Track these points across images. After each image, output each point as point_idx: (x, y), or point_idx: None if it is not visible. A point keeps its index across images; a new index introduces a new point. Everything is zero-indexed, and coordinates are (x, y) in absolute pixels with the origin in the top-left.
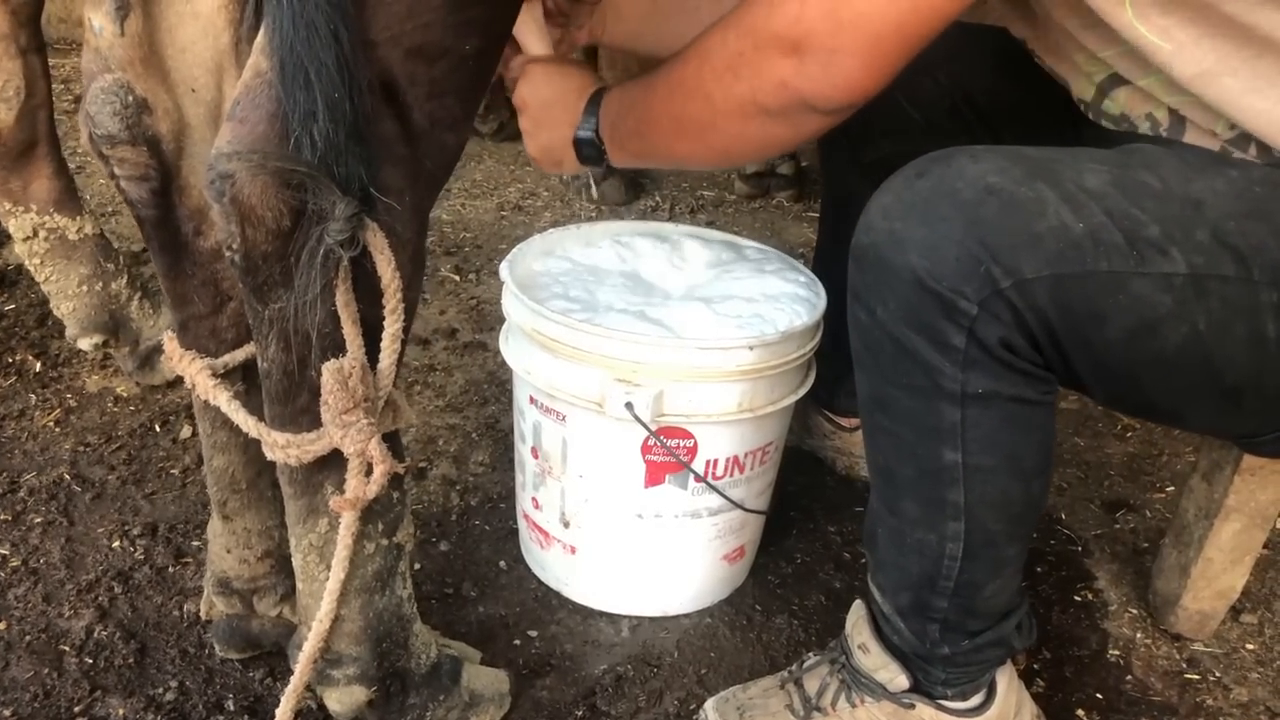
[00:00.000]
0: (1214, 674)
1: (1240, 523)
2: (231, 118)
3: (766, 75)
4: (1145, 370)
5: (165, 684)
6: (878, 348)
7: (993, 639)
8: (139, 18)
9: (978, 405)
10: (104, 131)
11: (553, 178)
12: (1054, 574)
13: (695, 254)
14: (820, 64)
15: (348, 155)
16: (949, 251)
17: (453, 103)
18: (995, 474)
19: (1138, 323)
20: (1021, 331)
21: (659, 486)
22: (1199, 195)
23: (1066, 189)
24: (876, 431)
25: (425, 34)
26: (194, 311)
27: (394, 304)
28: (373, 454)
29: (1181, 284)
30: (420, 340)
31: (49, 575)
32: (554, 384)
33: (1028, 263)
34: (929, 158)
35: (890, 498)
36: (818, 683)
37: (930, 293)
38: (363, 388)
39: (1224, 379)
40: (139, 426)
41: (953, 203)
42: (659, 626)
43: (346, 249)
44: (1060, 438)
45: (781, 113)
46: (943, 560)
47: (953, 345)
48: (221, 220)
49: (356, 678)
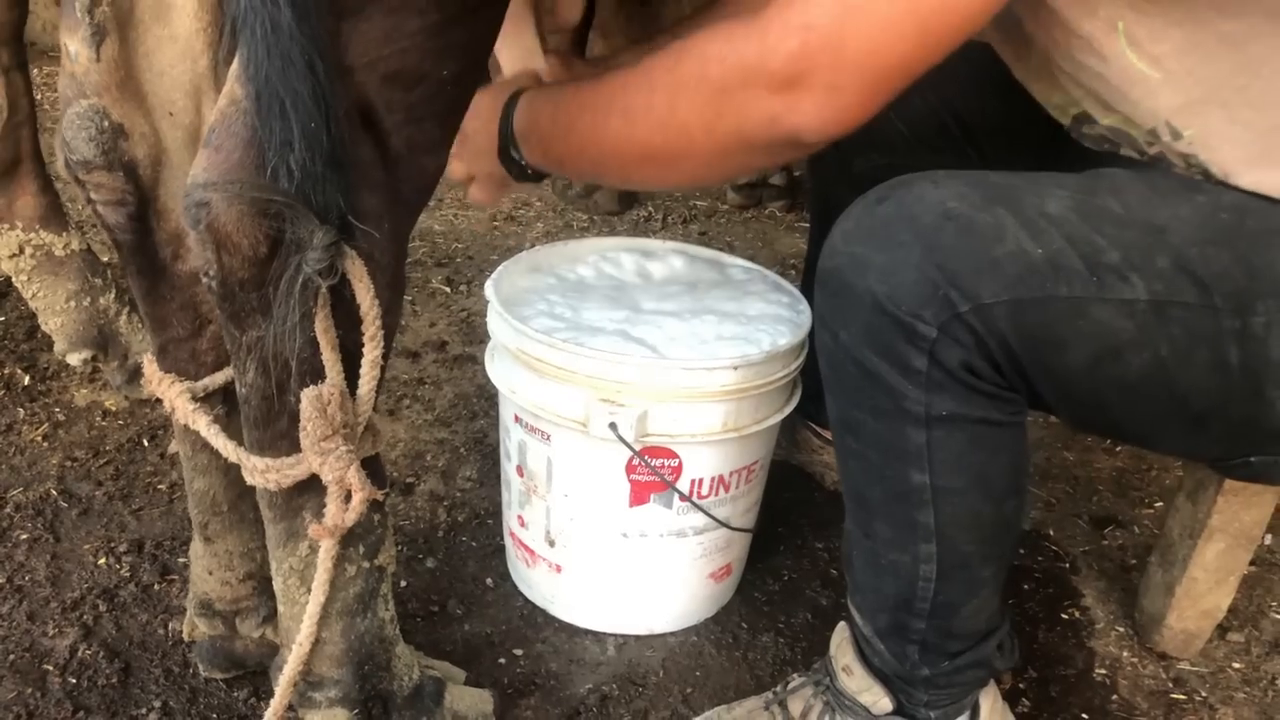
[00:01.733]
0: (1200, 693)
1: (1224, 543)
2: (207, 145)
3: (754, 111)
4: (1110, 395)
5: (149, 704)
6: (843, 371)
7: (973, 660)
8: (115, 43)
9: (943, 427)
10: (79, 157)
11: (545, 187)
12: (1040, 591)
13: (681, 272)
14: (815, 100)
15: (325, 184)
16: (907, 276)
17: (431, 127)
18: (965, 495)
19: (1099, 348)
20: (983, 355)
21: (644, 506)
22: (1162, 222)
23: (1026, 215)
24: (846, 454)
25: (402, 59)
26: (173, 335)
27: (373, 331)
28: (351, 481)
29: (1143, 310)
30: (409, 353)
31: (34, 593)
32: (538, 403)
33: (986, 287)
34: (891, 183)
35: (863, 520)
36: (802, 704)
37: (890, 316)
38: (341, 414)
39: (1189, 405)
40: (127, 441)
41: (911, 228)
42: (645, 645)
43: (325, 277)
44: (1048, 452)
45: (766, 147)
46: (917, 582)
47: (914, 368)
48: (198, 247)
49: (338, 700)
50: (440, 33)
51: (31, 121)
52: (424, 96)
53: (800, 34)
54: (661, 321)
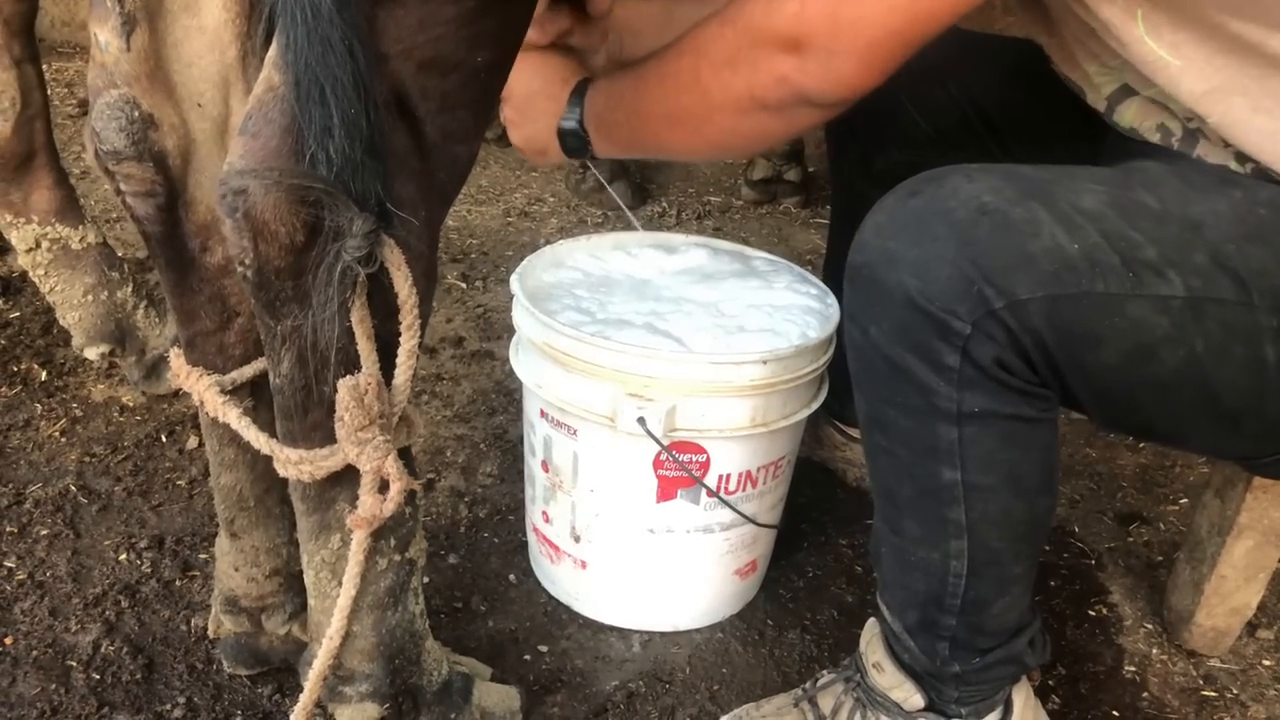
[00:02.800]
0: (1231, 691)
1: (1253, 540)
2: (244, 132)
3: (765, 70)
4: (1143, 393)
5: (173, 700)
6: (872, 368)
7: (1004, 656)
8: (145, 33)
9: (975, 424)
10: (110, 147)
11: (559, 183)
12: (1067, 588)
13: (705, 265)
14: (818, 62)
15: (364, 171)
16: (941, 271)
17: (465, 115)
18: (996, 492)
19: (1134, 345)
20: (1016, 351)
21: (671, 501)
22: (1198, 217)
23: (1061, 209)
24: (875, 451)
25: (437, 47)
26: (201, 328)
27: (410, 320)
28: (389, 471)
29: (1179, 307)
30: (427, 349)
31: (55, 589)
32: (565, 398)
33: (1021, 283)
34: (923, 176)
35: (892, 517)
36: (832, 701)
37: (923, 313)
38: (379, 404)
39: (1222, 402)
40: (145, 437)
41: (946, 222)
42: (670, 642)
43: (364, 266)
44: (1072, 449)
45: (778, 107)
46: (948, 578)
47: (947, 365)
48: (234, 236)
49: (369, 695)
50: (474, 20)
51: (45, 115)
52: (458, 84)
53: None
54: (688, 314)
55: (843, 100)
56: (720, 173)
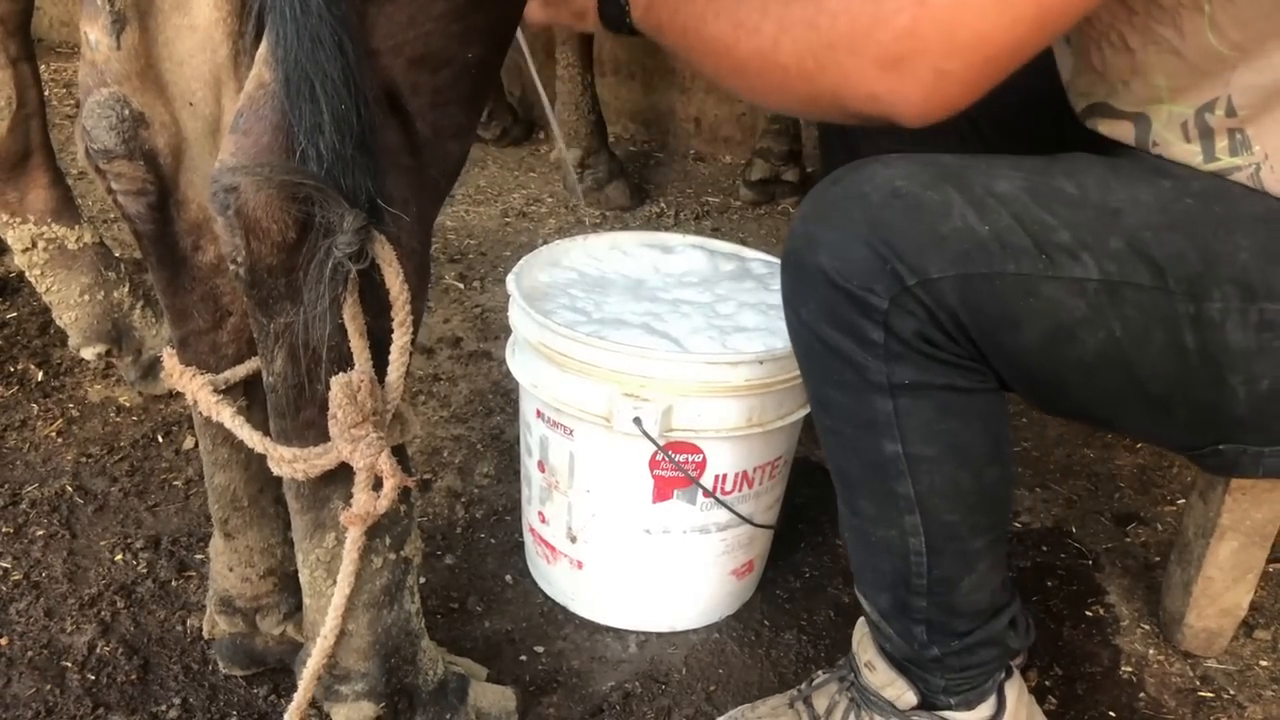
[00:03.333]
0: (1228, 691)
1: (1238, 541)
2: (235, 130)
3: (856, 82)
4: (1068, 375)
5: (168, 701)
6: (809, 349)
7: (983, 638)
8: (135, 31)
9: (908, 395)
10: (100, 146)
11: (557, 183)
12: (1064, 588)
13: (702, 265)
14: (920, 83)
15: (354, 167)
16: (856, 251)
17: (456, 111)
18: (940, 463)
19: (1053, 325)
20: (936, 326)
21: (667, 502)
22: (1117, 204)
23: (974, 193)
24: (824, 432)
25: (427, 43)
26: (194, 327)
27: (402, 316)
28: (383, 468)
29: (1095, 289)
30: (424, 349)
31: (51, 589)
32: (561, 398)
33: (933, 262)
34: (847, 166)
35: (849, 498)
36: (826, 701)
37: (842, 291)
38: (371, 401)
39: (1148, 387)
40: (141, 437)
41: (860, 205)
42: (667, 642)
43: (355, 262)
44: (1068, 449)
45: (856, 116)
46: (909, 556)
47: (872, 340)
48: (226, 233)
49: (365, 694)
50: (464, 15)
51: (40, 114)
52: (449, 80)
53: (913, 9)
54: (684, 314)
55: (931, 122)
56: (718, 173)
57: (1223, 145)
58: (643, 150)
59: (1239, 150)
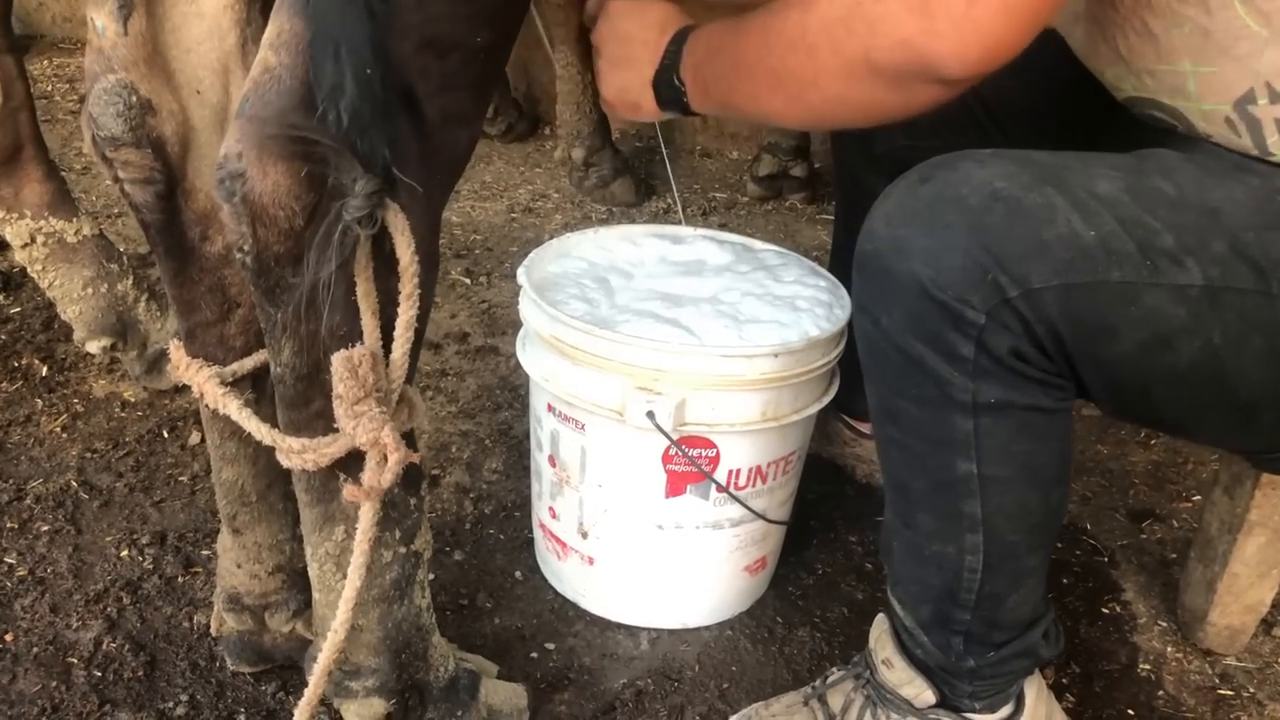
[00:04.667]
0: (1248, 689)
1: (1265, 536)
2: (241, 115)
3: (886, 31)
4: (1157, 383)
5: (175, 697)
6: (884, 359)
7: (1019, 649)
8: (142, 17)
9: (990, 415)
10: (107, 133)
11: (564, 179)
12: (1080, 585)
13: (713, 257)
14: (953, 19)
15: (372, 132)
16: (954, 260)
17: (465, 97)
18: (1012, 484)
19: (1150, 335)
20: (1031, 341)
21: (680, 497)
22: (1216, 204)
23: (1077, 195)
24: (888, 444)
25: (435, 27)
26: (201, 319)
27: (410, 289)
28: (386, 443)
29: (1197, 296)
30: (432, 345)
31: (56, 585)
32: (573, 392)
33: (1036, 272)
34: (933, 162)
35: (905, 511)
36: (842, 699)
37: (936, 302)
38: (374, 376)
39: (1238, 394)
40: (147, 432)
41: (958, 209)
42: (679, 639)
43: (364, 226)
44: (1083, 445)
45: (896, 77)
46: (962, 573)
47: (961, 355)
48: (232, 221)
49: (375, 690)
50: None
51: (29, 107)
52: (458, 65)
53: None
54: (697, 306)
55: (973, 71)
56: (726, 169)
57: (1274, 140)
58: (648, 146)
59: None
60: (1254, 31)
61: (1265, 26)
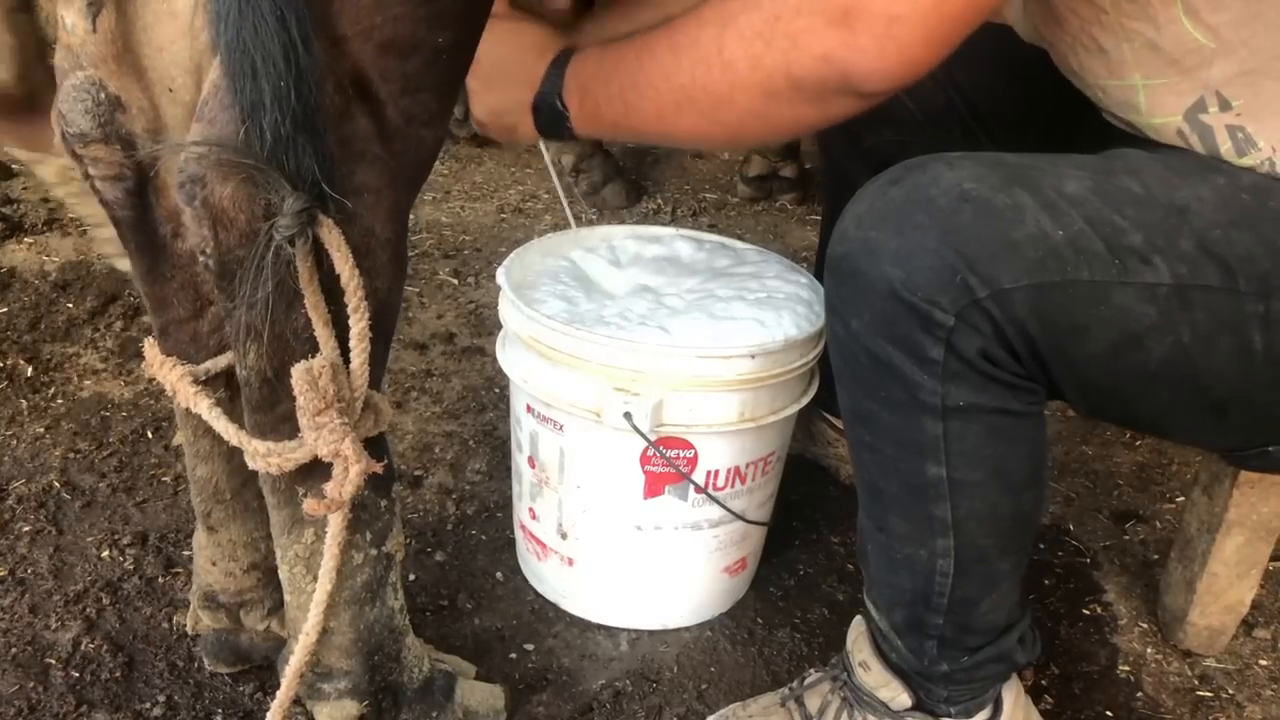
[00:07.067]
0: (1227, 691)
1: (1243, 536)
2: (200, 119)
3: (807, 46)
4: (1128, 383)
5: (153, 698)
6: (855, 361)
7: (994, 654)
8: (111, 15)
9: (959, 418)
10: (76, 130)
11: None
12: (1062, 586)
13: (693, 258)
14: (874, 35)
15: (297, 148)
16: (923, 261)
17: (428, 98)
18: (982, 488)
19: (1120, 334)
20: (1001, 343)
21: (658, 498)
22: (1183, 202)
23: (1046, 195)
24: (859, 447)
25: (396, 28)
26: (174, 316)
27: (355, 302)
28: (347, 454)
29: (1165, 294)
30: (417, 345)
31: (36, 585)
32: (551, 393)
33: (1005, 272)
34: (904, 165)
35: (877, 514)
36: (819, 700)
37: (905, 304)
38: (334, 387)
39: (1210, 392)
40: (130, 433)
41: (927, 210)
42: (658, 640)
43: (295, 245)
44: (1067, 446)
45: (816, 91)
46: (934, 576)
47: (930, 358)
48: (194, 224)
49: (348, 692)
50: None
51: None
52: (420, 66)
53: None
54: (675, 307)
55: (891, 84)
56: (716, 169)
57: (1226, 148)
58: (639, 147)
59: (1245, 149)
60: (1202, 44)
61: (1213, 39)
